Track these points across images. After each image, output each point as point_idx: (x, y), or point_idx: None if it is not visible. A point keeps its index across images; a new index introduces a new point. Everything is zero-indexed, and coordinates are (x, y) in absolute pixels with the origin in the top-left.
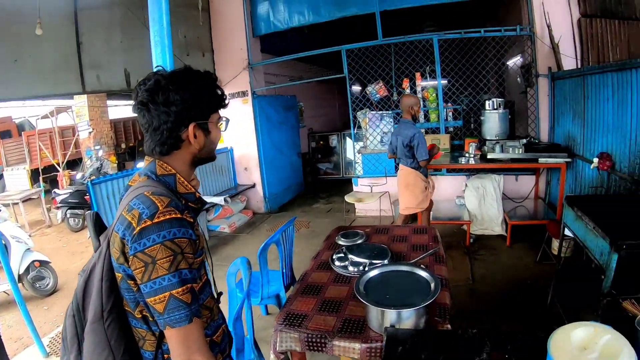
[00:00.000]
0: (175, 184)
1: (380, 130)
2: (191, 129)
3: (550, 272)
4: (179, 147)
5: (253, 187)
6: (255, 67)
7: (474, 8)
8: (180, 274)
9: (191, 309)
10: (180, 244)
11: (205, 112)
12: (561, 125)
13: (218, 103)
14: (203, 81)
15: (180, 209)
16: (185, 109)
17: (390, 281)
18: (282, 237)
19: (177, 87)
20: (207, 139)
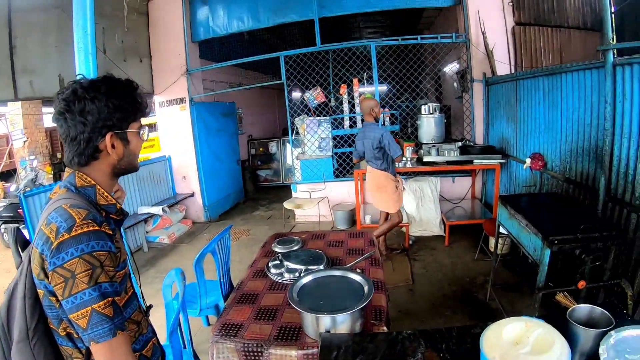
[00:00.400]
0: (95, 196)
1: (318, 136)
2: (108, 139)
3: (488, 269)
4: (97, 157)
5: (192, 196)
6: (193, 73)
7: (413, 16)
8: (100, 287)
9: (114, 322)
10: (99, 257)
11: (123, 122)
12: (495, 128)
13: (138, 112)
14: (121, 89)
15: (98, 221)
16: (102, 118)
17: (324, 287)
18: (219, 246)
19: (94, 96)
20: (127, 149)
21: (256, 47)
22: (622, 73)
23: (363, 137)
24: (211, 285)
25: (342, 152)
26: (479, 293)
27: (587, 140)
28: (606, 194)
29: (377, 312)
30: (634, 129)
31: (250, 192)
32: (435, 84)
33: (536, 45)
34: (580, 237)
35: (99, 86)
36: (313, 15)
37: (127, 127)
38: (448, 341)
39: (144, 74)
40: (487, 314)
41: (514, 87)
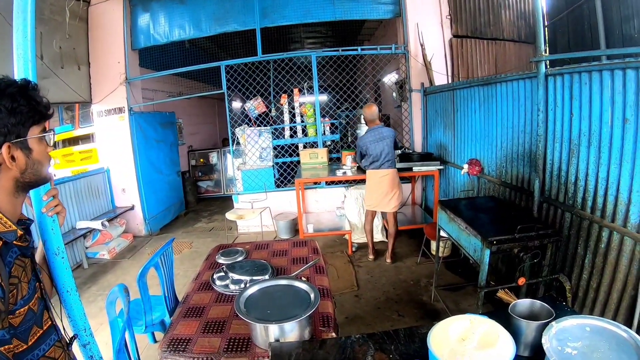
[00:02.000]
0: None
1: (259, 146)
2: (5, 150)
3: (431, 271)
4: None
5: (132, 209)
6: (132, 82)
7: (354, 27)
8: None
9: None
10: None
11: (21, 127)
12: (433, 136)
13: (36, 114)
14: (13, 90)
15: None
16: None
17: (271, 296)
18: (162, 260)
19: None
20: (29, 159)
21: (197, 56)
22: (553, 82)
23: (379, 139)
24: (155, 301)
25: (283, 161)
26: (424, 295)
27: (521, 145)
28: (541, 195)
29: (324, 319)
30: (565, 134)
31: (192, 204)
32: (375, 93)
33: (472, 57)
34: (517, 237)
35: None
36: (255, 25)
37: (27, 134)
38: (396, 342)
39: (82, 81)
40: (433, 314)
41: (451, 96)
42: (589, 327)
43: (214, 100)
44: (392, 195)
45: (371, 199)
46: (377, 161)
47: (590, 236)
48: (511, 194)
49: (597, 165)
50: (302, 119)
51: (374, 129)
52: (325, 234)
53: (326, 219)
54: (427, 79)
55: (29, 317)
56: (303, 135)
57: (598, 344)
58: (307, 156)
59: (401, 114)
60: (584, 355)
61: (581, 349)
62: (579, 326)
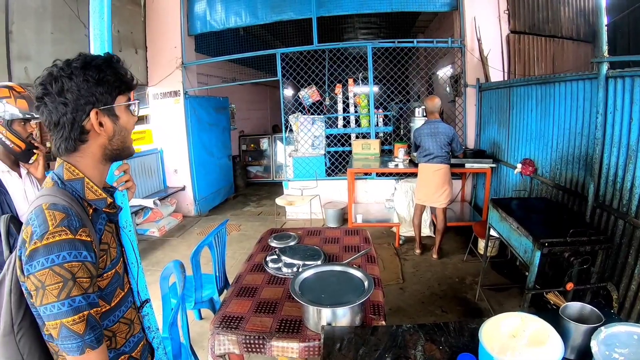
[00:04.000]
0: (83, 191)
1: (311, 134)
2: (93, 116)
3: (477, 270)
4: (85, 140)
5: (183, 189)
6: (188, 67)
7: (408, 18)
8: (73, 301)
9: (84, 339)
10: (72, 268)
11: (108, 96)
12: (487, 133)
13: (122, 84)
14: (100, 62)
15: (73, 228)
16: (83, 95)
17: (325, 281)
18: (215, 240)
19: (71, 72)
20: (117, 125)
21: (251, 43)
22: (614, 85)
23: (433, 134)
24: (206, 279)
25: (334, 150)
26: (468, 293)
27: (577, 148)
28: (595, 200)
29: (375, 307)
30: (623, 139)
31: (241, 188)
32: (428, 87)
33: (530, 54)
34: (569, 241)
35: (75, 63)
36: (311, 14)
37: (114, 102)
38: (446, 334)
39: (139, 65)
40: (476, 313)
41: (507, 93)
42: (637, 335)
43: (267, 87)
44: (443, 190)
45: (421, 193)
46: (430, 155)
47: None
48: (564, 197)
49: None
50: (355, 109)
51: (431, 122)
52: (373, 225)
53: (375, 210)
54: (482, 75)
55: (114, 280)
56: (356, 125)
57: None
58: (359, 146)
59: (455, 109)
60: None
61: (628, 356)
62: (627, 333)
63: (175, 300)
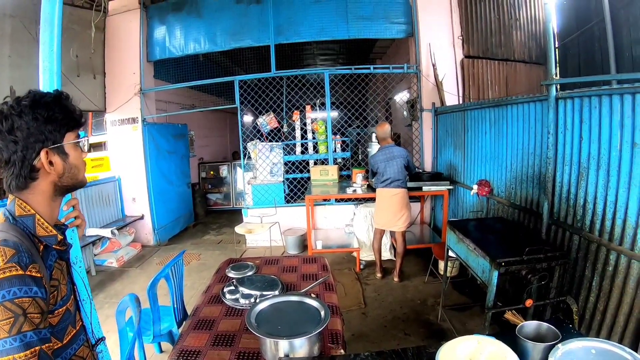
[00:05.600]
0: (34, 227)
1: (270, 161)
2: (43, 155)
3: (438, 291)
4: (35, 178)
5: (142, 218)
6: (147, 93)
7: (366, 45)
8: (25, 337)
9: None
10: (22, 304)
11: (57, 134)
12: (443, 156)
13: (71, 121)
14: (48, 100)
15: (24, 264)
16: (33, 133)
17: (282, 312)
18: (172, 272)
19: (21, 111)
20: (66, 163)
21: (211, 70)
22: (564, 106)
23: (389, 159)
24: (163, 311)
25: (293, 177)
26: (431, 314)
27: (531, 167)
28: (549, 217)
29: (333, 336)
30: (574, 157)
31: (201, 216)
32: (386, 112)
33: (483, 77)
34: (526, 259)
35: (24, 101)
36: (269, 42)
37: (63, 139)
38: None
39: (97, 91)
40: (439, 334)
41: (462, 117)
42: (594, 350)
43: (226, 114)
44: (401, 214)
45: (380, 217)
46: (387, 180)
47: (597, 259)
48: (520, 216)
49: (605, 188)
50: (313, 135)
51: (385, 148)
52: (333, 251)
53: (335, 236)
54: (438, 99)
55: (65, 317)
56: (314, 151)
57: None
58: (317, 173)
59: (412, 133)
60: None
61: None
62: (584, 348)
63: (132, 334)
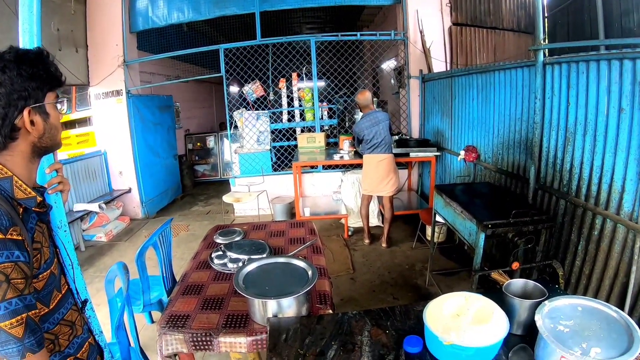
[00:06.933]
0: (12, 189)
1: (256, 129)
2: (26, 114)
3: (426, 256)
4: (15, 138)
5: (129, 192)
6: (130, 65)
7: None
8: (10, 304)
9: (23, 343)
10: (5, 270)
11: (39, 92)
12: (431, 123)
13: (52, 81)
14: (32, 56)
15: (4, 227)
16: (16, 89)
17: (269, 273)
18: (160, 240)
19: (4, 65)
20: (47, 123)
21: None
22: (551, 71)
23: (374, 124)
24: (153, 281)
25: (280, 145)
26: (418, 279)
27: (518, 133)
28: (536, 182)
29: (322, 296)
30: (561, 122)
31: (188, 188)
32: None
33: (471, 45)
34: (512, 222)
35: (7, 56)
36: (254, 9)
37: (44, 98)
38: (392, 319)
39: (80, 64)
40: (427, 298)
41: (450, 83)
42: (580, 307)
43: (212, 85)
44: (389, 180)
45: (368, 183)
46: (374, 146)
47: (583, 223)
48: (507, 181)
49: (592, 153)
50: (300, 103)
51: (369, 114)
52: (321, 218)
53: (323, 203)
54: (425, 66)
55: (50, 281)
56: (301, 119)
57: (589, 322)
58: (304, 140)
59: (399, 100)
60: (575, 333)
61: (573, 327)
62: (571, 306)
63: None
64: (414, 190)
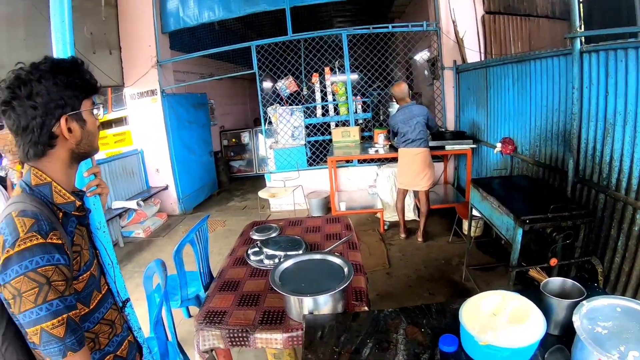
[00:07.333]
0: (51, 195)
1: (290, 124)
2: (63, 123)
3: (462, 251)
4: (53, 145)
5: (166, 188)
6: (164, 65)
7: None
8: (51, 305)
9: (65, 343)
10: (46, 273)
11: (75, 100)
12: (466, 114)
13: (88, 87)
14: (67, 66)
15: (44, 232)
16: (53, 98)
17: (305, 270)
18: (197, 237)
19: (40, 75)
20: (84, 130)
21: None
22: (588, 60)
23: (409, 118)
24: (191, 276)
25: (315, 140)
26: (455, 274)
27: (555, 124)
28: (575, 175)
29: (357, 293)
30: (600, 113)
31: (224, 183)
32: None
33: (505, 34)
34: (550, 217)
35: (42, 66)
36: (285, 5)
37: (80, 106)
38: (428, 317)
39: (114, 66)
40: (464, 293)
41: (484, 74)
42: (619, 308)
43: (245, 81)
44: (424, 174)
45: (403, 177)
46: (409, 140)
47: (624, 218)
48: (544, 174)
49: (632, 145)
50: (333, 97)
51: (404, 107)
52: (357, 212)
53: (358, 197)
54: (459, 56)
55: (90, 282)
56: (335, 113)
57: (628, 324)
58: (339, 134)
59: (433, 92)
60: (613, 335)
61: (611, 329)
62: (610, 306)
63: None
64: (449, 184)
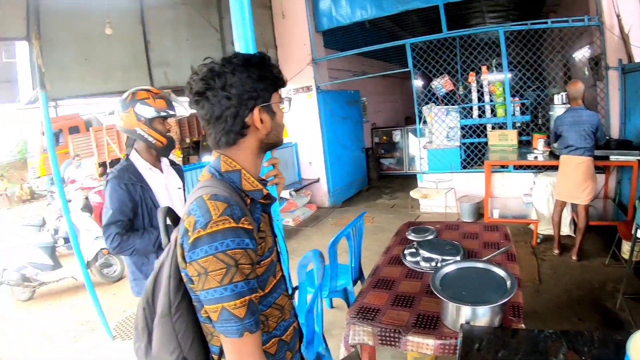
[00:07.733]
0: (240, 181)
1: (446, 125)
2: (256, 113)
3: (620, 276)
4: (244, 134)
5: (317, 181)
6: (318, 63)
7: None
8: (236, 287)
9: (243, 323)
10: (234, 255)
11: (266, 92)
12: (633, 121)
13: (277, 82)
14: (257, 60)
15: (236, 217)
16: (247, 90)
17: (466, 278)
18: (352, 232)
19: (234, 68)
20: (274, 121)
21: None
22: None
23: (576, 123)
24: (340, 269)
25: (470, 142)
26: (608, 301)
27: None
28: None
29: (515, 309)
30: None
31: (374, 180)
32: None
33: None
34: None
35: (234, 60)
36: (438, 1)
37: (270, 98)
38: (590, 345)
39: None
40: (616, 324)
41: None
42: None
43: (396, 79)
44: (586, 186)
45: (562, 187)
46: (572, 147)
47: None
48: None
49: None
50: (490, 98)
51: (573, 110)
52: (509, 221)
53: (512, 205)
54: (625, 55)
55: (269, 268)
56: (492, 115)
57: None
58: (496, 137)
59: (596, 94)
60: None
61: None
62: None
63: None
64: (610, 199)
